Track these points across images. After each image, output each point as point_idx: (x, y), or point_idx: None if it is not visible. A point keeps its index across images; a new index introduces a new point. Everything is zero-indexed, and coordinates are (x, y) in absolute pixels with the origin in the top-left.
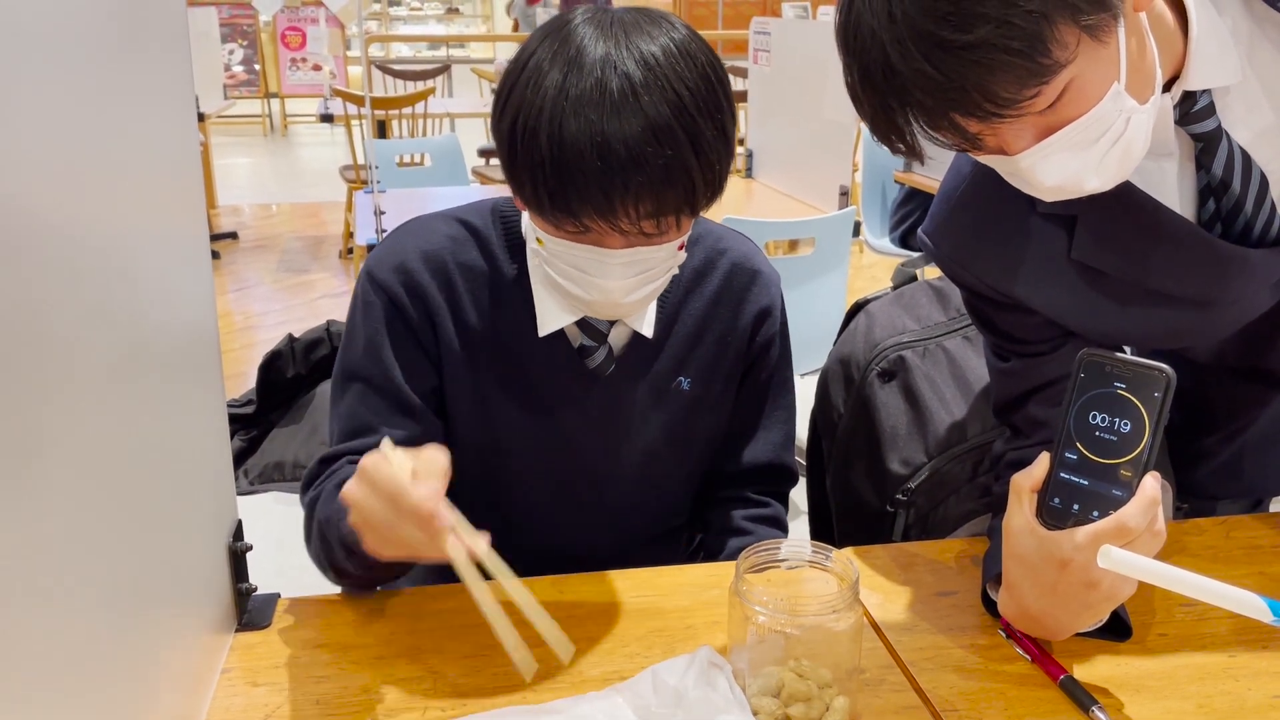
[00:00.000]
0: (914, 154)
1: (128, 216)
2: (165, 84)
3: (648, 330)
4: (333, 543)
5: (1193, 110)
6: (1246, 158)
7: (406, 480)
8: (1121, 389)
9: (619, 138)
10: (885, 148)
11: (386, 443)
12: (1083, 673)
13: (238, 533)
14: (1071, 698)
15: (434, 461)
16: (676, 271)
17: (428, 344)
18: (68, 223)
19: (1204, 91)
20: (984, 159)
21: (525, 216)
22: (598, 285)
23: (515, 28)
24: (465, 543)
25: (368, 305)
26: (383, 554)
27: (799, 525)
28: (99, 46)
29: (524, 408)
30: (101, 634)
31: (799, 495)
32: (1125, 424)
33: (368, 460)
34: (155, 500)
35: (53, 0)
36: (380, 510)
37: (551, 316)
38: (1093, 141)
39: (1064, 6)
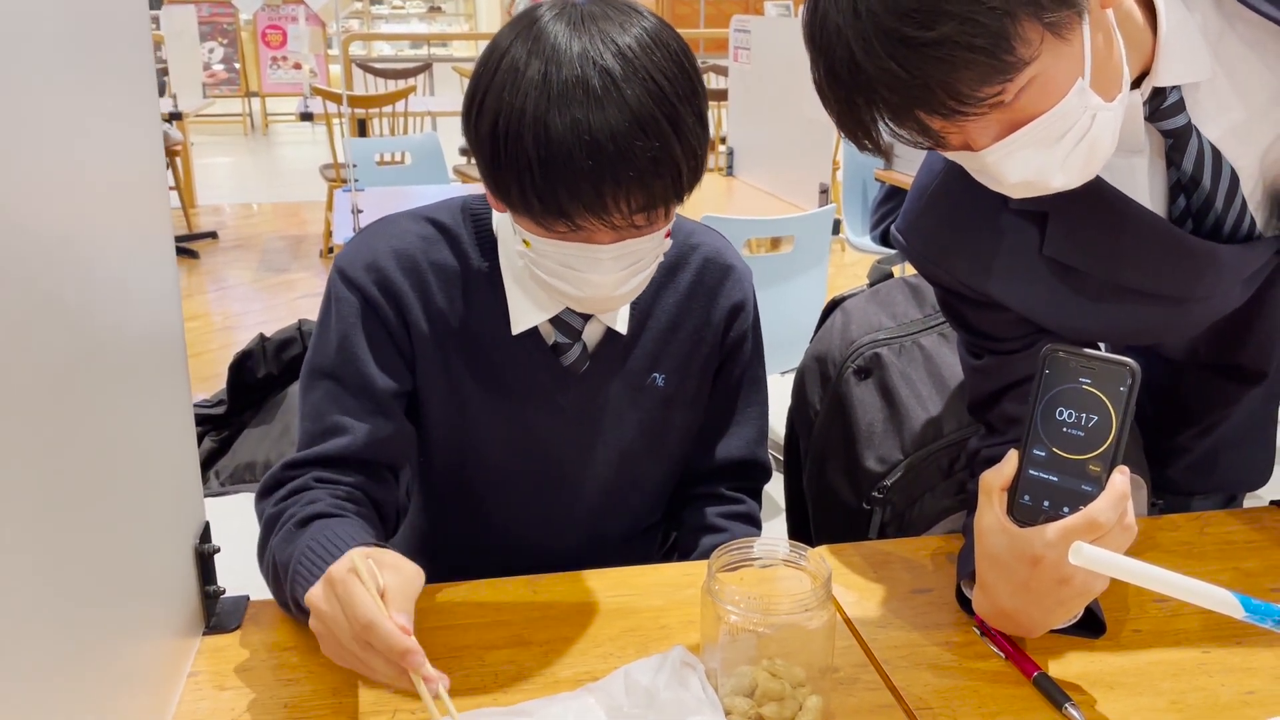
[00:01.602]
0: (880, 151)
1: (88, 215)
2: (127, 81)
3: (622, 326)
4: (287, 598)
5: (1163, 106)
6: (1217, 154)
7: (380, 611)
8: (1087, 384)
9: (606, 133)
10: (850, 143)
11: (355, 555)
12: (1057, 670)
13: (205, 535)
14: (1045, 695)
15: (410, 583)
16: (661, 259)
17: (401, 343)
18: (22, 220)
19: (1174, 88)
20: (951, 155)
21: (497, 215)
22: (589, 281)
23: None
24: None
25: (340, 303)
26: (337, 662)
27: (776, 523)
28: (55, 43)
29: (498, 406)
30: (64, 637)
31: (777, 493)
32: (1092, 419)
33: (338, 574)
34: (118, 502)
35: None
36: (347, 634)
37: (525, 314)
38: (1057, 138)
39: (1027, 4)
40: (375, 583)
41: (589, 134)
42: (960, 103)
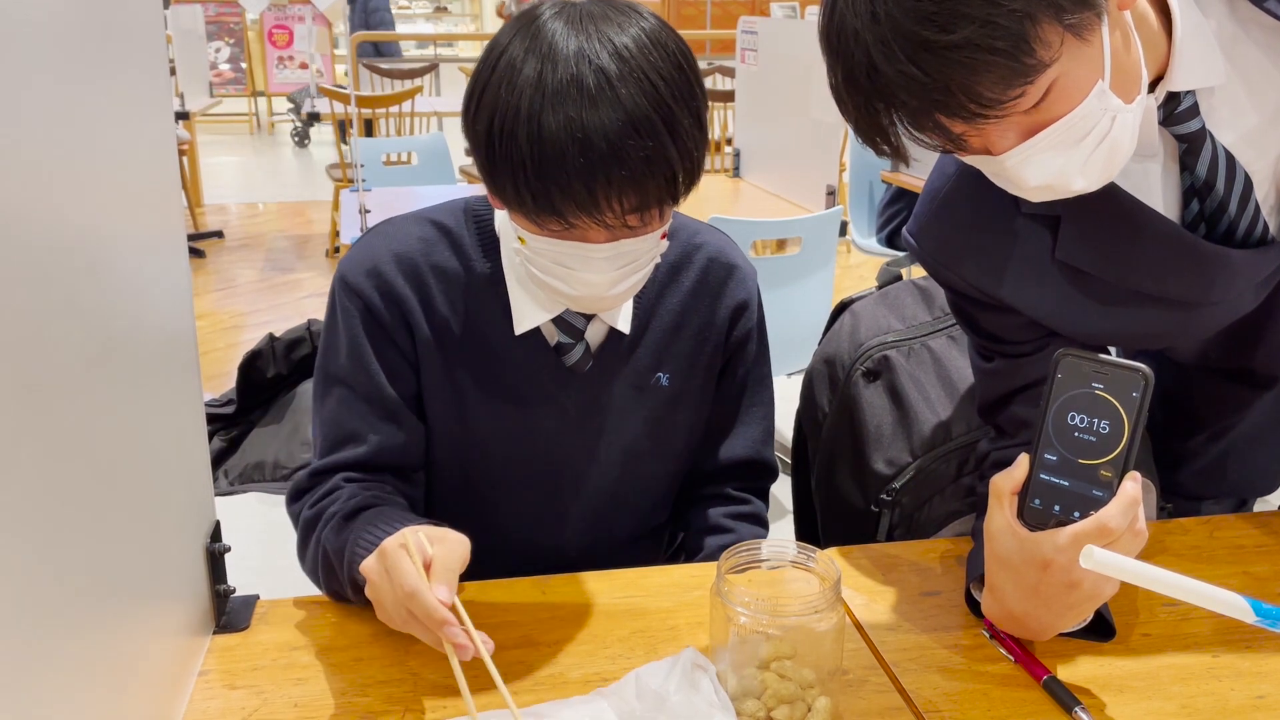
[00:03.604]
0: (899, 155)
1: (102, 214)
2: (141, 80)
3: (624, 326)
4: (342, 578)
5: (1177, 111)
6: (1230, 158)
7: (423, 583)
8: (1099, 389)
9: (599, 132)
10: (867, 147)
11: (408, 531)
12: (1066, 673)
13: (215, 534)
14: (1055, 698)
15: (453, 555)
16: (659, 260)
17: (404, 347)
18: (39, 220)
19: (1188, 92)
20: (969, 159)
21: (499, 214)
22: (583, 280)
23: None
24: (472, 643)
25: (344, 310)
26: (392, 627)
27: (784, 525)
28: (71, 42)
29: (502, 407)
30: (75, 635)
31: (784, 495)
32: (1104, 424)
33: (389, 546)
34: (130, 501)
35: None
36: (393, 602)
37: (528, 314)
38: (1078, 141)
39: (1047, 6)
40: (422, 556)
41: (581, 132)
42: (981, 106)
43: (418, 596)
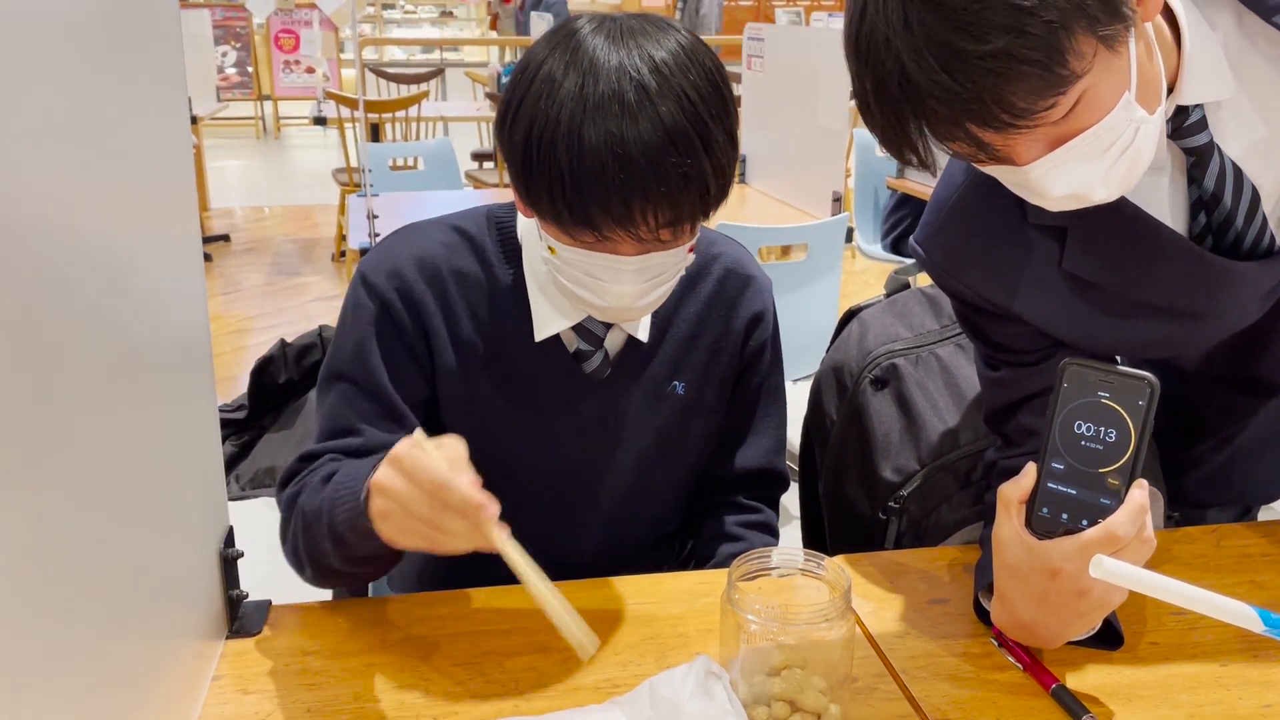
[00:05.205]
0: (925, 165)
1: (119, 219)
2: (157, 85)
3: (643, 334)
4: (318, 536)
5: (1185, 124)
6: (1238, 172)
7: (449, 472)
8: (1105, 398)
9: (638, 146)
10: (893, 158)
11: (419, 432)
12: (1075, 681)
13: (229, 539)
14: (1063, 706)
15: (459, 453)
16: (684, 273)
17: (419, 352)
18: (57, 225)
19: (1196, 106)
20: (989, 169)
21: (522, 222)
22: (612, 291)
23: (493, 24)
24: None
25: (359, 308)
26: (400, 544)
27: (791, 532)
28: (89, 46)
29: (519, 413)
30: (90, 640)
31: (791, 502)
32: (1111, 433)
33: (402, 449)
34: (145, 506)
35: (43, 0)
36: (420, 501)
37: (549, 321)
38: (1103, 151)
39: (1082, 17)
40: (437, 452)
41: (621, 147)
42: (1013, 116)
43: (450, 485)
